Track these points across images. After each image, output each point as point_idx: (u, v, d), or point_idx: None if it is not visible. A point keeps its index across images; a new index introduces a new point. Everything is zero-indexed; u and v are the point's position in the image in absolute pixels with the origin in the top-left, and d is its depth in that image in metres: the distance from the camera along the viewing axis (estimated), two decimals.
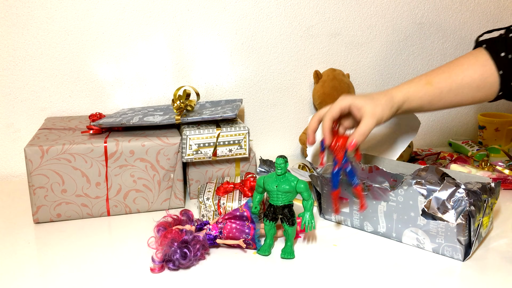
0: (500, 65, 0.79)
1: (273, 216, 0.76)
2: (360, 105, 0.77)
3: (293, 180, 0.74)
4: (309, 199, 0.74)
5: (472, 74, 0.80)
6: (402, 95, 0.80)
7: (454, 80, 0.81)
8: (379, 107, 0.77)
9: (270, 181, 0.75)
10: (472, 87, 0.81)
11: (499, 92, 0.82)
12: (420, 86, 0.81)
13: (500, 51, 0.80)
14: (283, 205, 0.75)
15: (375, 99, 0.78)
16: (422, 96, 0.80)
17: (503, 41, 0.81)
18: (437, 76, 0.81)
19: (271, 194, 0.75)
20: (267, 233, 0.77)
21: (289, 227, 0.75)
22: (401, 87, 0.81)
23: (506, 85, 0.80)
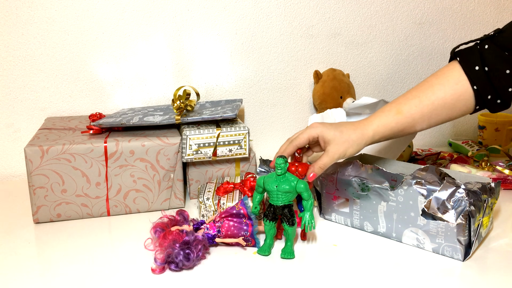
0: (475, 80, 0.77)
1: (273, 216, 0.76)
2: (327, 139, 0.77)
3: (293, 180, 0.74)
4: (309, 199, 0.74)
5: (443, 95, 0.78)
6: (372, 130, 0.78)
7: (425, 106, 0.78)
8: (345, 144, 0.77)
9: (270, 181, 0.75)
10: (445, 108, 0.79)
11: (476, 107, 0.79)
12: (390, 117, 0.79)
13: (475, 65, 0.77)
14: (283, 205, 0.75)
15: (345, 135, 0.77)
16: (393, 126, 0.79)
17: (478, 53, 0.77)
18: (407, 103, 0.79)
19: (271, 194, 0.75)
20: (267, 233, 0.77)
21: (289, 227, 0.75)
22: (372, 120, 0.80)
23: (482, 99, 0.78)
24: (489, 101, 0.78)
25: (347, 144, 0.77)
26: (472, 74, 0.77)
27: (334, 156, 0.77)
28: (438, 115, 0.79)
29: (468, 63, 0.77)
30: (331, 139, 0.77)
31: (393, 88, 1.39)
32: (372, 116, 0.80)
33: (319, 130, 0.78)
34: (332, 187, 0.86)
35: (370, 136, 0.78)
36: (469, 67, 0.77)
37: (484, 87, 0.76)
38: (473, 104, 0.79)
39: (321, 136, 0.78)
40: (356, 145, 0.78)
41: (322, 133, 0.78)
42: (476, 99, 0.78)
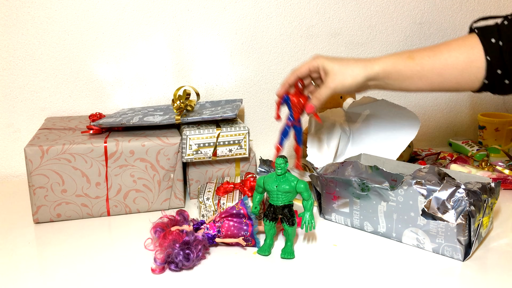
0: (489, 51, 0.76)
1: (273, 216, 0.76)
2: (327, 70, 0.77)
3: (293, 180, 0.74)
4: (309, 199, 0.74)
5: (458, 55, 0.77)
6: (379, 67, 0.77)
7: (438, 59, 0.77)
8: (344, 75, 0.76)
9: (270, 181, 0.75)
10: (457, 69, 0.77)
11: (485, 80, 0.77)
12: (401, 59, 0.78)
13: (491, 37, 0.76)
14: (283, 205, 0.75)
15: (348, 67, 0.77)
16: (401, 69, 0.77)
17: (496, 28, 0.77)
18: (420, 53, 0.78)
19: (271, 194, 0.75)
20: (267, 233, 0.77)
21: (289, 227, 0.75)
22: (381, 58, 0.78)
23: (492, 73, 0.76)
24: (498, 76, 0.76)
25: (346, 75, 0.76)
26: (487, 44, 0.76)
27: (331, 86, 0.76)
28: (447, 75, 0.77)
29: (485, 34, 0.77)
30: (331, 70, 0.77)
31: None
32: (382, 56, 0.80)
33: (320, 60, 0.79)
34: (332, 187, 0.86)
35: (374, 71, 0.77)
36: (485, 39, 0.76)
37: (496, 59, 0.75)
38: (483, 76, 0.77)
39: (321, 67, 0.78)
40: (356, 76, 0.77)
41: (322, 64, 0.78)
42: (487, 70, 0.76)
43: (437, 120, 1.45)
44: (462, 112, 1.46)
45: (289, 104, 0.83)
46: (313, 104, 0.78)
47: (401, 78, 0.78)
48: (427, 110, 1.43)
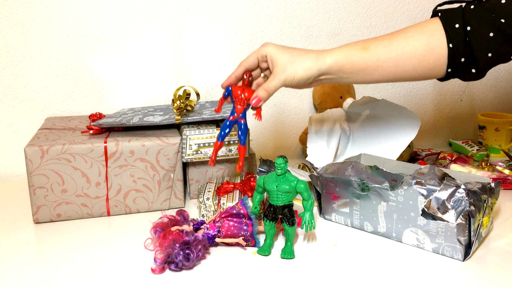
0: (452, 38, 0.71)
1: (273, 216, 0.76)
2: (275, 60, 0.72)
3: (293, 180, 0.74)
4: (309, 199, 0.74)
5: (415, 43, 0.72)
6: (332, 59, 0.73)
7: (394, 48, 0.72)
8: (294, 66, 0.72)
9: (270, 181, 0.75)
10: (414, 57, 0.72)
11: (448, 69, 0.73)
12: (354, 50, 0.73)
13: (455, 22, 0.71)
14: (283, 205, 0.75)
15: (299, 58, 0.72)
16: (355, 61, 0.73)
17: (461, 11, 0.72)
18: (375, 42, 0.74)
19: (271, 194, 0.75)
20: (267, 233, 0.77)
21: (289, 227, 0.75)
22: (333, 49, 0.74)
23: (455, 61, 0.72)
24: (462, 64, 0.72)
25: (297, 67, 0.72)
26: (451, 30, 0.71)
27: (281, 78, 0.72)
28: (405, 65, 0.73)
29: (449, 19, 0.72)
30: (279, 59, 0.72)
31: (393, 88, 1.39)
32: (336, 47, 0.76)
33: (268, 48, 0.74)
34: (332, 187, 0.86)
35: (327, 64, 0.73)
36: (449, 24, 0.72)
37: (460, 47, 0.71)
38: (445, 64, 0.73)
39: (269, 56, 0.73)
40: (308, 68, 0.72)
41: (270, 53, 0.73)
42: (449, 59, 0.72)
43: (437, 120, 1.45)
44: (462, 112, 1.46)
45: (232, 96, 0.78)
46: (260, 96, 0.72)
47: (355, 70, 0.74)
48: (427, 110, 1.43)
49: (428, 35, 0.73)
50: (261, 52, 0.74)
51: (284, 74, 0.72)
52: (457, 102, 1.45)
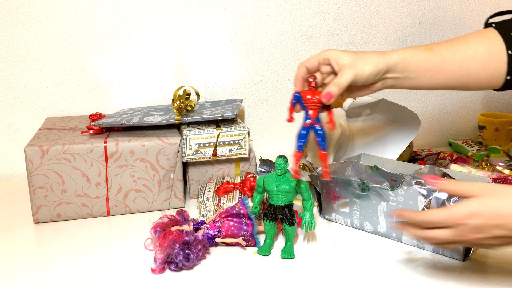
0: (510, 44, 0.71)
1: (273, 216, 0.76)
2: (340, 59, 0.72)
3: (293, 180, 0.74)
4: (309, 199, 0.74)
5: (477, 47, 0.73)
6: (398, 56, 0.72)
7: (457, 50, 0.73)
8: (365, 63, 0.71)
9: (270, 181, 0.75)
10: (477, 61, 0.72)
11: (507, 76, 0.73)
12: (419, 50, 0.74)
13: (511, 30, 0.72)
14: (283, 205, 0.75)
15: (365, 56, 0.72)
16: (420, 60, 0.73)
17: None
18: (439, 45, 0.74)
19: (271, 194, 0.75)
20: (267, 233, 0.77)
21: (289, 227, 0.75)
22: (397, 50, 0.74)
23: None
24: None
25: (365, 63, 0.71)
26: (508, 38, 0.72)
27: (351, 72, 0.70)
28: (468, 68, 0.73)
29: (505, 28, 0.73)
30: (345, 59, 0.71)
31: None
32: (397, 49, 0.76)
33: (330, 52, 0.73)
34: (332, 187, 0.86)
35: (394, 60, 0.72)
36: (505, 32, 0.73)
37: None
38: (505, 70, 0.73)
39: (333, 58, 0.72)
40: (376, 63, 0.71)
41: (334, 55, 0.72)
42: (509, 65, 0.73)
43: (437, 120, 1.45)
44: (462, 112, 1.46)
45: (302, 101, 0.73)
46: (332, 92, 0.69)
47: (420, 70, 0.73)
48: (427, 110, 1.43)
49: (488, 41, 0.73)
50: (323, 55, 0.74)
51: (354, 69, 0.71)
52: (457, 102, 1.45)
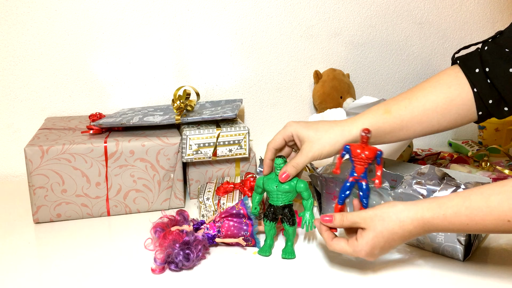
0: (475, 82, 0.72)
1: (273, 216, 0.76)
2: (302, 137, 0.74)
3: (292, 180, 0.74)
4: (309, 199, 0.74)
5: (435, 98, 0.73)
6: (356, 127, 0.73)
7: (415, 107, 0.74)
8: (321, 142, 0.73)
9: (269, 182, 0.75)
10: (437, 111, 0.73)
11: (478, 112, 0.74)
12: (378, 115, 0.74)
13: (475, 67, 0.73)
14: (283, 205, 0.75)
15: (325, 133, 0.73)
16: (380, 126, 0.74)
17: (477, 55, 0.74)
18: (396, 104, 0.75)
19: (271, 194, 0.75)
20: (267, 233, 0.77)
21: (290, 227, 0.75)
22: (357, 118, 0.75)
23: (484, 105, 0.73)
24: (491, 106, 0.73)
25: (323, 142, 0.73)
26: (472, 76, 0.73)
27: (308, 155, 0.73)
28: (429, 120, 0.75)
29: (468, 66, 0.74)
30: (306, 137, 0.74)
31: (393, 88, 1.39)
32: (358, 114, 0.77)
33: (293, 128, 0.75)
34: (332, 187, 0.86)
35: (352, 134, 0.74)
36: (469, 70, 0.74)
37: (484, 89, 0.72)
38: (472, 109, 0.74)
39: (295, 135, 0.75)
40: (335, 143, 0.73)
41: (296, 131, 0.75)
42: (477, 103, 0.74)
43: None
44: None
45: (351, 155, 0.71)
46: (289, 172, 0.73)
47: (381, 134, 0.75)
48: None
49: (445, 87, 0.74)
50: (286, 132, 0.76)
51: (311, 151, 0.73)
52: None
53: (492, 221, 0.60)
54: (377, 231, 0.64)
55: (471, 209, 0.61)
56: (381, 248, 0.65)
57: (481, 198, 0.61)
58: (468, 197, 0.62)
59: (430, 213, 0.63)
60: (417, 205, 0.64)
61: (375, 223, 0.65)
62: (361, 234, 0.66)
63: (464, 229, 0.62)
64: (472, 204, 0.61)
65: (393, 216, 0.64)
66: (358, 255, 0.66)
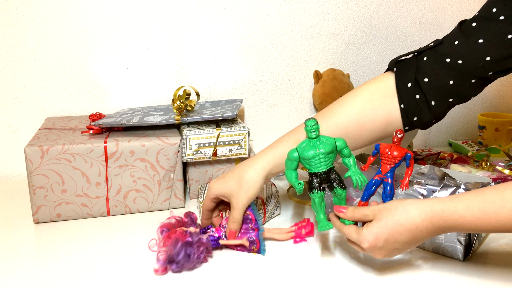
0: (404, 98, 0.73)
1: (319, 185, 0.69)
2: (226, 194, 0.76)
3: (329, 139, 0.69)
4: (350, 156, 0.70)
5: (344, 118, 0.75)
6: (268, 164, 0.75)
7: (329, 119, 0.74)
8: (245, 187, 0.74)
9: (306, 149, 0.69)
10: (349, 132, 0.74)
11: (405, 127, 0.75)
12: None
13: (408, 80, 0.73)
14: (328, 169, 0.69)
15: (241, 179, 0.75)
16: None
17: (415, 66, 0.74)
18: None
19: (311, 162, 0.69)
20: (318, 207, 0.70)
21: (343, 190, 0.70)
22: (266, 152, 0.76)
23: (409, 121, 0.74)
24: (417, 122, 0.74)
25: (245, 189, 0.75)
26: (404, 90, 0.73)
27: (239, 206, 0.75)
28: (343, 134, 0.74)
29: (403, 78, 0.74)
30: (228, 192, 0.76)
31: None
32: (268, 147, 0.77)
33: (213, 190, 0.77)
34: None
35: (267, 170, 0.75)
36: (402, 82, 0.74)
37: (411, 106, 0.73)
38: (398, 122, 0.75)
39: (219, 195, 0.77)
40: (255, 181, 0.75)
41: (217, 192, 0.77)
42: (403, 119, 0.75)
43: None
44: (462, 112, 1.46)
45: (379, 154, 0.72)
46: (234, 229, 0.76)
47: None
48: None
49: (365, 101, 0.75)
50: (211, 196, 0.78)
51: (241, 203, 0.75)
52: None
53: (506, 214, 0.58)
54: (382, 221, 0.63)
55: (484, 202, 0.59)
56: (385, 240, 0.63)
57: (495, 192, 0.59)
58: (481, 192, 0.60)
59: (440, 206, 0.61)
60: (428, 200, 0.63)
61: (382, 214, 0.64)
62: (368, 224, 0.65)
63: (476, 223, 0.60)
64: (486, 198, 0.59)
65: (400, 208, 0.63)
66: (362, 244, 0.65)
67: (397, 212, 0.63)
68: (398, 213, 0.63)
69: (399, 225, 0.62)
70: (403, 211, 0.63)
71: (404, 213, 0.62)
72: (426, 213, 0.62)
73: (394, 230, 0.63)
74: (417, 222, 0.62)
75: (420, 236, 0.63)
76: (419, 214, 0.62)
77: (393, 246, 0.64)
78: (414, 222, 0.62)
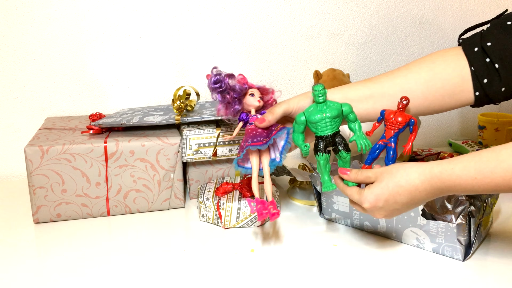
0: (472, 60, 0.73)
1: (324, 148, 0.71)
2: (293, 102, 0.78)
3: (335, 104, 0.72)
4: (356, 121, 0.72)
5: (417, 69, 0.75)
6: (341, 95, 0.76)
7: (396, 76, 0.76)
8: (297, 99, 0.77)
9: (313, 113, 0.72)
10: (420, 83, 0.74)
11: (475, 92, 0.75)
12: (357, 83, 0.76)
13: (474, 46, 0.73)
14: (334, 133, 0.72)
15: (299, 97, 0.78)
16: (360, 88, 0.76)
17: (479, 34, 0.74)
18: (378, 76, 0.78)
19: (317, 125, 0.71)
20: (323, 169, 0.72)
21: (347, 153, 0.72)
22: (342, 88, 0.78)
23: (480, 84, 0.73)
24: (487, 85, 0.73)
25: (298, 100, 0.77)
26: (470, 54, 0.73)
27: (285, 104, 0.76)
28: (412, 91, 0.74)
29: (469, 43, 0.74)
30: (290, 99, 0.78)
31: None
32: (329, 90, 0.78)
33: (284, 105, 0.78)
34: None
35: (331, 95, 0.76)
36: (469, 47, 0.74)
37: (481, 68, 0.72)
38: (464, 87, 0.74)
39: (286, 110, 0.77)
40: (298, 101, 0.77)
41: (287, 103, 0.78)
42: (473, 82, 0.74)
43: (437, 120, 1.45)
44: (462, 112, 1.46)
45: (384, 119, 0.73)
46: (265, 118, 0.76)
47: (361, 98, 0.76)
48: None
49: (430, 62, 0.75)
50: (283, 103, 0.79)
51: (289, 102, 0.77)
52: None
53: (500, 173, 0.59)
54: (383, 183, 0.65)
55: (480, 162, 0.60)
56: (385, 200, 0.65)
57: (491, 152, 0.61)
58: (479, 154, 0.62)
59: (439, 168, 0.63)
60: (428, 163, 0.64)
61: (384, 175, 0.66)
62: (369, 186, 0.67)
63: (472, 184, 0.61)
64: (482, 158, 0.61)
65: (401, 170, 0.65)
66: (363, 204, 0.67)
67: (398, 174, 0.65)
68: (398, 175, 0.65)
69: (399, 186, 0.64)
70: (403, 173, 0.64)
71: (404, 175, 0.64)
72: (425, 175, 0.63)
73: (394, 191, 0.65)
74: (417, 183, 0.63)
75: (419, 197, 0.64)
76: (418, 176, 0.63)
77: (392, 206, 0.66)
78: (414, 184, 0.64)
